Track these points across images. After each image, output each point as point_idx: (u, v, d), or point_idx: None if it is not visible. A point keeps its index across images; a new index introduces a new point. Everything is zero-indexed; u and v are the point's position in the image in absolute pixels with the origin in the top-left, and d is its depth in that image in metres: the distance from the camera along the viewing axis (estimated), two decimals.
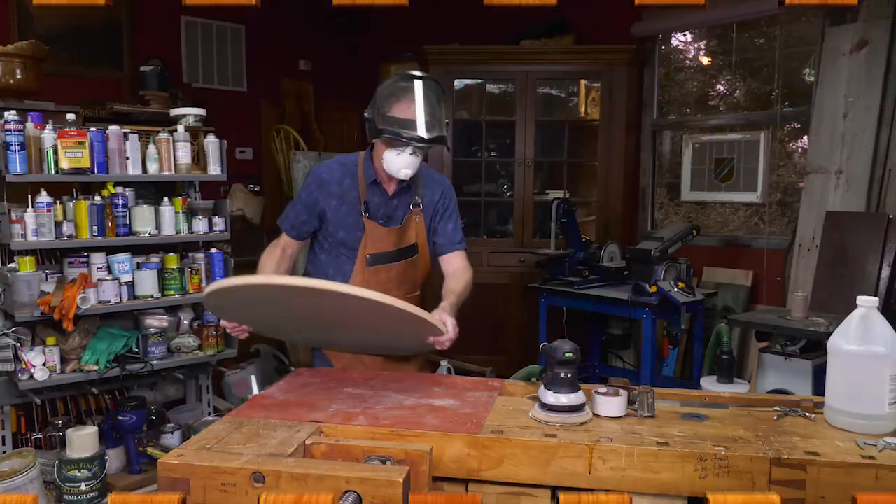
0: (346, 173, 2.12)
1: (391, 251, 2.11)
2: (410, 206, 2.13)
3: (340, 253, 2.14)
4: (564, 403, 1.51)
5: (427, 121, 1.95)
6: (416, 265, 2.17)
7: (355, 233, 2.10)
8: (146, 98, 3.66)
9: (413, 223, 2.14)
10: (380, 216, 2.11)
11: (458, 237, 2.22)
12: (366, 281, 2.08)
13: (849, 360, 1.48)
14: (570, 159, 4.85)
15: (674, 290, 3.51)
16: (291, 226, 2.19)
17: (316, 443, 1.41)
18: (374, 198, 2.10)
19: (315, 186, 2.13)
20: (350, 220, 2.10)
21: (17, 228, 2.75)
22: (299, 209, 2.17)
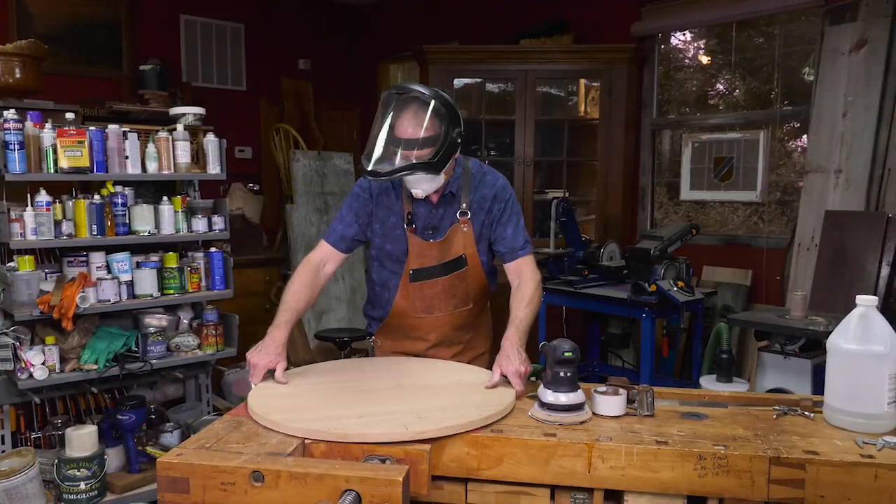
0: (391, 183, 2.01)
1: (435, 266, 2.01)
2: (457, 214, 2.01)
3: (385, 267, 2.08)
4: (564, 402, 1.52)
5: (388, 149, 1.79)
6: (464, 278, 2.04)
7: (402, 245, 2.02)
8: (145, 97, 3.65)
9: (459, 234, 2.01)
10: (423, 229, 2.01)
11: (519, 242, 2.06)
12: (410, 296, 2.04)
13: (848, 359, 1.48)
14: (569, 158, 4.85)
15: (673, 290, 3.51)
16: (341, 238, 2.05)
17: (315, 442, 1.41)
18: (419, 209, 2.01)
19: (366, 196, 2.03)
20: (397, 232, 2.02)
21: (16, 227, 2.74)
22: (350, 220, 2.04)
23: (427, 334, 2.10)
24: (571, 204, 4.12)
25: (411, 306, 2.05)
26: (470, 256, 2.03)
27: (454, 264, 2.02)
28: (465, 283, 2.06)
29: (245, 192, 5.24)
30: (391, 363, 1.98)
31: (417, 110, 1.81)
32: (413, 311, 2.06)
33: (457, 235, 2.02)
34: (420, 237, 2.01)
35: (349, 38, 6.64)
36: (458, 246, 2.02)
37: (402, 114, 1.81)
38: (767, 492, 1.33)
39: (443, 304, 2.06)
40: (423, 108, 1.82)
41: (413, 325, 2.09)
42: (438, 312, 2.07)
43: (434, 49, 4.77)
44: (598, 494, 1.40)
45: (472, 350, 2.20)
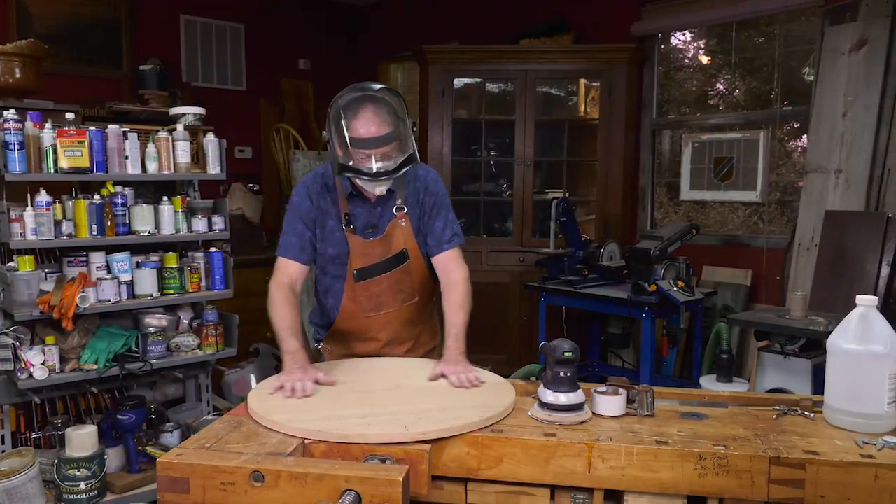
0: (325, 187, 2.02)
1: (378, 263, 2.01)
2: (394, 210, 2.01)
3: (327, 273, 2.07)
4: (564, 402, 1.52)
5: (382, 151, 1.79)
6: (409, 272, 2.05)
7: (343, 247, 2.01)
8: (145, 97, 3.65)
9: (398, 229, 2.01)
10: (363, 228, 2.01)
11: (447, 235, 2.04)
12: (357, 297, 2.03)
13: (848, 359, 1.48)
14: (569, 158, 4.85)
15: (673, 290, 3.51)
16: (301, 249, 2.00)
17: (315, 442, 1.41)
18: (356, 209, 2.01)
19: (309, 201, 2.01)
20: (336, 234, 2.01)
21: (16, 227, 2.74)
22: (301, 228, 2.01)
23: (378, 333, 2.09)
24: (571, 204, 4.12)
25: (359, 307, 2.05)
26: (411, 250, 2.04)
27: (397, 259, 2.03)
28: (410, 277, 2.06)
29: (245, 192, 5.23)
30: (391, 364, 1.98)
31: (385, 107, 1.81)
32: (361, 311, 2.05)
33: (396, 231, 2.02)
34: (360, 236, 2.01)
35: (349, 38, 6.64)
36: (399, 241, 2.02)
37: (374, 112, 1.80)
38: (767, 492, 1.33)
39: (390, 300, 2.06)
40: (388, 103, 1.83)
41: (363, 327, 2.08)
42: (387, 309, 2.06)
43: (434, 49, 4.77)
44: (598, 494, 1.40)
45: (422, 346, 2.20)
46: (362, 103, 1.81)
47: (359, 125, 1.79)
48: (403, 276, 2.05)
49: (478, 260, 4.55)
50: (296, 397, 1.66)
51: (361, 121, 1.79)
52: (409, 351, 2.16)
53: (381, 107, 1.81)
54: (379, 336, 2.10)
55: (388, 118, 1.81)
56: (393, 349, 2.12)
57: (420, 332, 2.19)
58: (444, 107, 4.74)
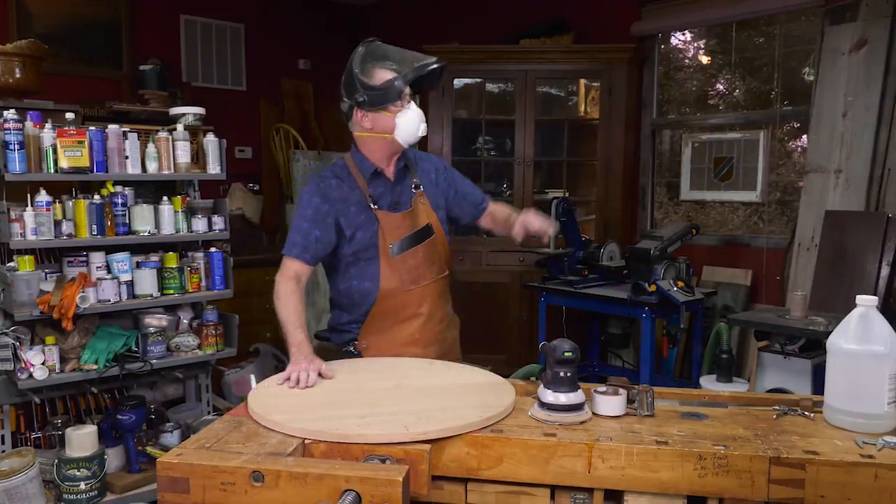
0: (340, 177, 2.10)
1: (410, 235, 2.08)
2: (412, 188, 2.13)
3: (361, 256, 2.09)
4: (564, 402, 1.51)
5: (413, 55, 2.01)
6: (435, 245, 2.14)
7: (371, 227, 2.06)
8: (145, 97, 3.65)
9: (420, 204, 2.13)
10: (388, 205, 2.09)
11: (480, 195, 2.28)
12: (396, 271, 2.06)
13: (848, 359, 1.48)
14: (569, 158, 4.85)
15: (673, 290, 3.51)
16: (304, 248, 2.05)
17: (315, 442, 1.41)
18: (378, 189, 2.09)
19: (319, 199, 2.06)
20: (362, 217, 2.07)
21: (16, 227, 2.74)
22: (307, 227, 2.05)
23: (419, 307, 2.12)
24: (571, 204, 4.12)
25: (399, 281, 2.08)
26: (434, 224, 2.14)
27: (425, 232, 2.12)
28: (438, 250, 2.15)
29: (245, 192, 5.24)
30: (391, 364, 1.98)
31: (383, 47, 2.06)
32: (402, 285, 2.08)
33: (418, 206, 2.13)
34: (388, 211, 2.09)
35: (349, 38, 6.59)
36: (423, 215, 2.13)
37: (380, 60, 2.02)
38: (767, 492, 1.33)
39: (426, 271, 2.12)
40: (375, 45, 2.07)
41: (403, 302, 2.10)
42: (424, 281, 2.12)
43: (434, 49, 4.75)
44: (598, 494, 1.40)
45: (453, 325, 2.27)
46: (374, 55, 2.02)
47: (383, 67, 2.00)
48: (433, 248, 2.13)
49: (478, 260, 4.55)
50: (299, 388, 1.69)
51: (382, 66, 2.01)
52: (446, 329, 2.21)
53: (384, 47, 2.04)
54: (420, 310, 2.12)
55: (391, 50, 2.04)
56: (433, 326, 2.15)
57: (450, 310, 2.25)
58: (444, 106, 4.74)
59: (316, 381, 1.74)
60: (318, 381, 1.75)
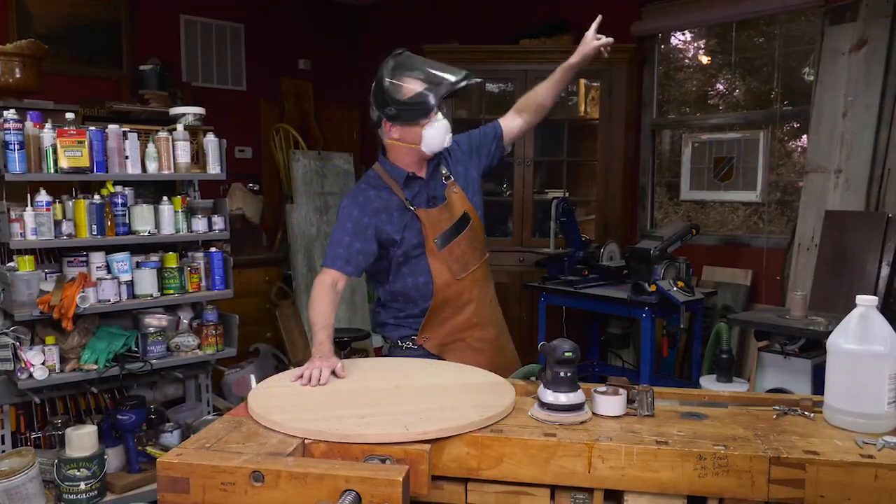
0: (376, 188, 2.16)
1: (451, 227, 2.15)
2: (444, 180, 2.19)
3: (411, 255, 2.15)
4: (564, 402, 1.51)
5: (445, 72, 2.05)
6: (475, 231, 2.21)
7: (416, 226, 2.12)
8: (145, 97, 3.65)
9: (454, 195, 2.18)
10: (425, 202, 2.15)
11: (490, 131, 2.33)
12: (446, 262, 2.14)
13: (848, 359, 1.48)
14: (569, 158, 4.85)
15: (673, 290, 3.51)
16: (347, 261, 2.09)
17: (315, 442, 1.41)
18: (413, 190, 2.15)
19: (359, 211, 2.11)
20: (406, 218, 2.12)
21: (16, 227, 2.75)
22: (349, 241, 2.10)
23: (472, 292, 2.20)
24: (571, 204, 4.12)
25: (451, 271, 2.15)
26: (469, 211, 2.20)
27: (463, 222, 2.18)
28: (477, 235, 2.22)
29: (245, 192, 5.24)
30: (391, 364, 1.98)
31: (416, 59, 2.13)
32: (453, 275, 2.15)
33: (452, 196, 2.19)
34: (426, 208, 2.14)
35: (349, 38, 6.64)
36: (458, 206, 2.18)
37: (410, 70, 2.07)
38: (767, 492, 1.33)
39: (472, 258, 2.20)
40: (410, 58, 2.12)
41: (458, 291, 2.18)
42: (473, 266, 2.20)
43: (434, 49, 4.76)
44: (598, 494, 1.40)
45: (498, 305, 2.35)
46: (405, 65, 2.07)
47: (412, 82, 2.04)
48: (473, 234, 2.20)
49: None
50: (311, 385, 1.73)
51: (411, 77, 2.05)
52: (496, 307, 2.32)
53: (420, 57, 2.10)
54: (472, 296, 2.20)
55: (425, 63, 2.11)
56: (486, 307, 2.24)
57: (494, 290, 2.34)
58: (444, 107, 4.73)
59: (328, 379, 1.76)
60: (329, 379, 1.77)
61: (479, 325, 2.22)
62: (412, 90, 2.02)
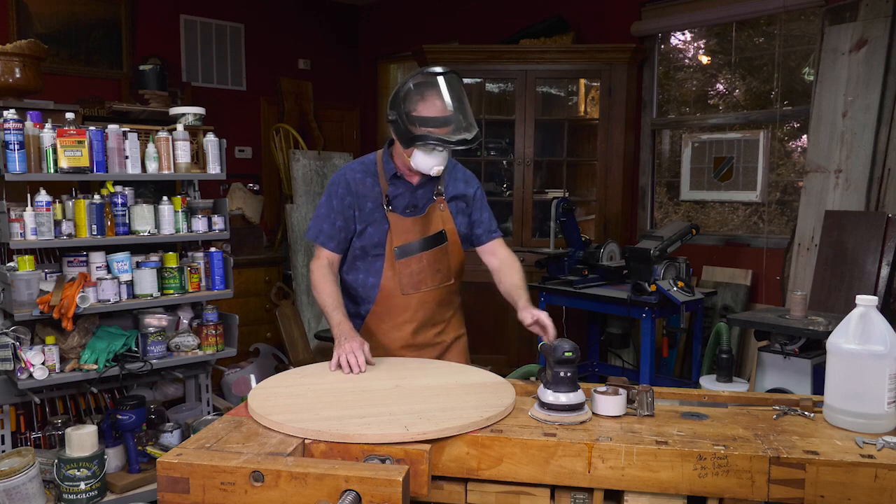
0: (366, 172, 2.14)
1: (418, 241, 2.11)
2: (433, 195, 2.14)
3: (369, 251, 2.13)
4: (564, 402, 1.52)
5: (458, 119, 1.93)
6: (446, 252, 2.15)
7: (382, 227, 2.10)
8: (145, 97, 3.65)
9: (437, 211, 2.14)
10: (403, 208, 2.12)
11: (493, 225, 2.24)
12: (398, 274, 2.10)
13: (848, 359, 1.48)
14: (569, 158, 4.85)
15: (673, 290, 3.51)
16: (329, 237, 2.13)
17: (315, 442, 1.41)
18: (397, 190, 2.12)
19: (344, 189, 2.12)
20: (377, 215, 2.11)
21: (16, 227, 2.74)
22: (334, 218, 2.12)
23: (415, 312, 2.14)
24: (571, 204, 4.12)
25: (398, 284, 2.11)
26: (450, 232, 2.15)
27: (436, 239, 2.13)
28: (448, 258, 2.15)
29: (245, 191, 5.24)
30: (391, 364, 1.98)
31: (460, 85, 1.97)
32: (401, 288, 2.11)
33: (435, 212, 2.13)
34: (400, 214, 2.11)
35: (349, 38, 6.64)
36: (438, 222, 2.13)
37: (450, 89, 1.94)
38: (767, 492, 1.33)
39: (428, 278, 2.13)
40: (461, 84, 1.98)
41: (401, 306, 2.13)
42: (425, 287, 2.13)
43: (434, 49, 4.78)
44: (597, 494, 1.40)
45: (452, 329, 2.25)
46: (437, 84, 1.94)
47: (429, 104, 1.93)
48: (441, 256, 2.13)
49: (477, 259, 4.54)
50: (354, 373, 1.77)
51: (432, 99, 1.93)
52: (440, 334, 2.21)
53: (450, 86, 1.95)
54: (416, 316, 2.15)
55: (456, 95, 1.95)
56: (426, 331, 2.17)
57: (452, 317, 2.25)
58: None
59: (364, 362, 1.79)
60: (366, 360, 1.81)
61: (413, 348, 2.15)
62: (421, 113, 1.93)
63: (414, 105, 1.94)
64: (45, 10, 4.78)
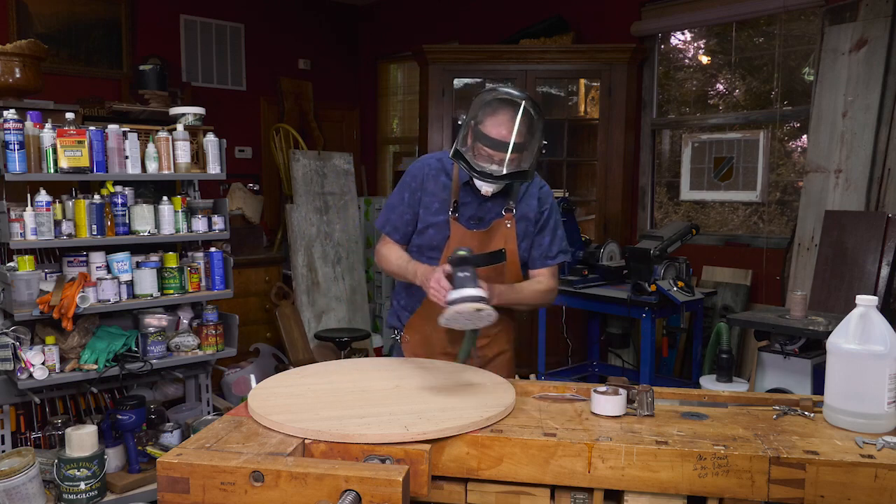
0: (442, 170, 2.08)
1: (478, 255, 1.99)
2: (503, 210, 2.05)
3: (425, 253, 2.08)
4: (464, 295, 1.68)
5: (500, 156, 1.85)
6: (502, 271, 2.04)
7: (444, 232, 2.05)
8: (145, 97, 3.65)
9: (503, 228, 2.04)
10: (468, 218, 2.05)
11: (553, 251, 2.12)
12: None
13: (848, 359, 1.48)
14: (569, 158, 4.85)
15: (673, 290, 3.51)
16: (395, 229, 2.10)
17: (315, 442, 1.41)
18: (467, 198, 2.05)
19: (416, 183, 2.08)
20: (440, 218, 2.05)
21: (16, 227, 2.74)
22: (403, 210, 2.09)
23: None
24: (571, 204, 4.12)
25: None
26: (510, 252, 2.04)
27: (493, 256, 2.01)
28: (502, 277, 2.06)
29: (245, 191, 5.24)
30: (391, 364, 1.98)
31: (526, 120, 1.86)
32: None
33: (500, 229, 2.05)
34: (463, 225, 2.05)
35: (349, 38, 6.65)
36: (500, 240, 2.04)
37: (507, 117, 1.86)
38: (767, 492, 1.33)
39: None
40: (528, 116, 1.86)
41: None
42: None
43: (434, 49, 4.77)
44: (597, 494, 1.40)
45: (497, 345, 2.20)
46: (508, 106, 1.87)
47: (494, 123, 1.86)
48: (496, 274, 2.03)
49: None
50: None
51: (498, 120, 1.86)
52: (484, 348, 2.16)
53: (524, 118, 1.85)
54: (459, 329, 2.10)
55: (523, 129, 1.85)
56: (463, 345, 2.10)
57: (499, 333, 2.18)
58: (444, 107, 4.74)
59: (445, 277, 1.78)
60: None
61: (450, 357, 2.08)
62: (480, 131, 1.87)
63: (476, 120, 1.89)
64: (45, 10, 4.78)
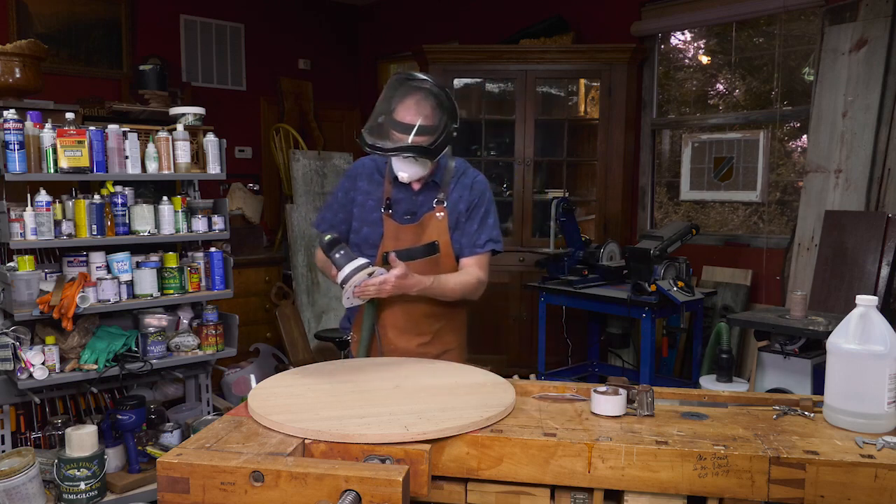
0: (375, 168, 2.14)
1: (408, 249, 2.06)
2: (434, 202, 2.08)
3: (363, 251, 2.09)
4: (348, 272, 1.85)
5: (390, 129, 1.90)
6: (437, 264, 2.08)
7: (377, 229, 2.09)
8: (145, 97, 3.65)
9: (434, 220, 2.08)
10: (401, 213, 2.09)
11: (482, 239, 2.12)
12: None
13: (848, 359, 1.48)
14: (569, 158, 4.85)
15: (673, 290, 3.51)
16: (331, 226, 2.15)
17: (315, 442, 1.41)
18: (400, 195, 2.09)
19: (349, 183, 2.15)
20: (374, 215, 2.10)
21: (16, 227, 2.74)
22: (336, 208, 2.16)
23: (397, 320, 2.11)
24: (571, 204, 4.12)
25: None
26: (443, 244, 2.09)
27: (427, 249, 2.08)
28: (438, 270, 2.08)
29: (245, 191, 5.24)
30: (391, 364, 1.98)
31: (423, 99, 1.92)
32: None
33: (431, 221, 2.08)
34: (397, 221, 2.09)
35: (349, 38, 6.65)
36: (433, 232, 2.08)
37: (407, 99, 1.92)
38: (767, 492, 1.33)
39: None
40: (428, 97, 1.93)
41: (385, 312, 2.11)
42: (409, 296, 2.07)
43: (434, 49, 4.77)
44: (597, 494, 1.40)
45: (440, 342, 2.18)
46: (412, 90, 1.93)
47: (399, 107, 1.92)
48: (431, 267, 2.07)
49: None
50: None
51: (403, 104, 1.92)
52: (426, 345, 2.15)
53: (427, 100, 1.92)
54: (397, 323, 2.11)
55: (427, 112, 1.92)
56: (410, 340, 2.13)
57: (441, 329, 2.18)
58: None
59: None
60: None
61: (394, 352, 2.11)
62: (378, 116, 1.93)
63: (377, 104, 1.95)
64: (45, 10, 4.78)
